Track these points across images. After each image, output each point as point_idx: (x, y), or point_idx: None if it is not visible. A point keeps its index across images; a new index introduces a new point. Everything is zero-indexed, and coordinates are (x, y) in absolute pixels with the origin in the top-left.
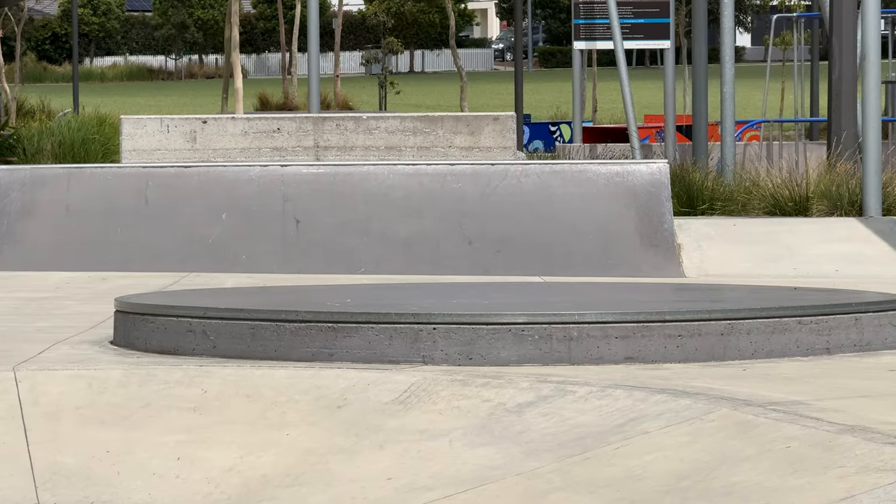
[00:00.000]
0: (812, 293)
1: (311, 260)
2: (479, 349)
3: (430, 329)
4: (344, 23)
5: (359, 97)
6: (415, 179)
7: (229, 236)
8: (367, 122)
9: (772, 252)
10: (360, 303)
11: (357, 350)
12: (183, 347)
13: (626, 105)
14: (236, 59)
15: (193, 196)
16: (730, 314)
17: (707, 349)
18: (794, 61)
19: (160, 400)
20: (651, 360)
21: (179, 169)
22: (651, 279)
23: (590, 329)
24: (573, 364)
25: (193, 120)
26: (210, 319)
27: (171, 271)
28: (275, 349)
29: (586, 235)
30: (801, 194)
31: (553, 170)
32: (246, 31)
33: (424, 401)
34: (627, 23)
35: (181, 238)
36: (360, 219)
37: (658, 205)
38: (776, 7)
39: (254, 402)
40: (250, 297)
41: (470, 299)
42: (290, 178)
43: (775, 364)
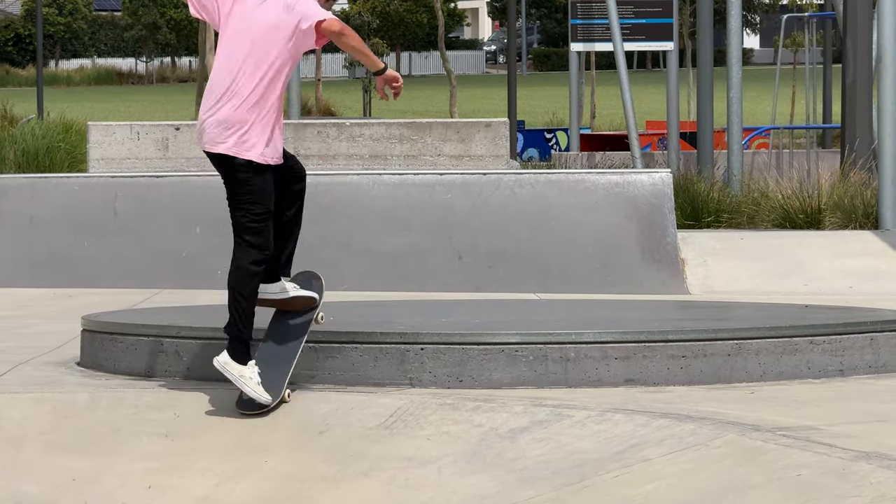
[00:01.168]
0: (824, 311)
1: None
2: (469, 371)
3: (418, 349)
4: None
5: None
6: (401, 190)
7: (204, 250)
8: (350, 129)
9: (781, 267)
10: (342, 321)
11: (340, 372)
12: (155, 369)
13: (627, 111)
14: (211, 61)
15: (166, 208)
16: (737, 334)
17: (713, 371)
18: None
19: (130, 425)
20: (653, 383)
21: (151, 179)
22: (653, 296)
23: (588, 349)
24: (570, 387)
25: (166, 126)
26: (184, 339)
27: (142, 288)
28: None
29: (584, 249)
30: (812, 206)
31: (549, 180)
32: None
33: (411, 426)
34: (628, 23)
35: (153, 252)
36: (342, 232)
37: (660, 217)
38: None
39: (230, 426)
40: (226, 316)
41: (460, 318)
42: None
43: (785, 386)
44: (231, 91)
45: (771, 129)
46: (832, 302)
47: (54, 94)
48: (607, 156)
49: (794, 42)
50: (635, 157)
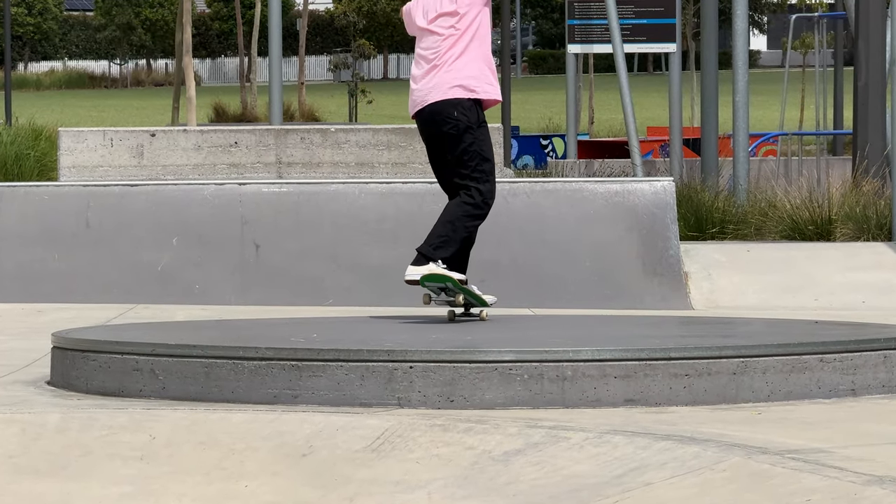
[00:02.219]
0: (835, 328)
1: (272, 290)
2: (461, 390)
3: (407, 368)
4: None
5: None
6: (389, 200)
7: (180, 263)
8: (335, 136)
9: (790, 281)
10: (327, 338)
11: (324, 391)
12: (128, 388)
13: (627, 116)
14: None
15: (140, 218)
16: (743, 351)
17: (717, 390)
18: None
19: (103, 447)
20: (654, 403)
21: (125, 188)
22: (654, 312)
23: (586, 368)
24: (567, 407)
25: (140, 133)
26: (159, 357)
27: (116, 303)
28: (232, 390)
29: (581, 262)
30: (822, 216)
31: (544, 189)
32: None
33: (400, 448)
34: (628, 24)
35: (127, 266)
36: (327, 244)
37: (662, 228)
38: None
39: (208, 449)
40: (204, 332)
41: (451, 334)
42: (249, 199)
43: (794, 407)
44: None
45: (779, 135)
46: (844, 317)
47: (23, 99)
48: (606, 163)
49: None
50: (636, 164)
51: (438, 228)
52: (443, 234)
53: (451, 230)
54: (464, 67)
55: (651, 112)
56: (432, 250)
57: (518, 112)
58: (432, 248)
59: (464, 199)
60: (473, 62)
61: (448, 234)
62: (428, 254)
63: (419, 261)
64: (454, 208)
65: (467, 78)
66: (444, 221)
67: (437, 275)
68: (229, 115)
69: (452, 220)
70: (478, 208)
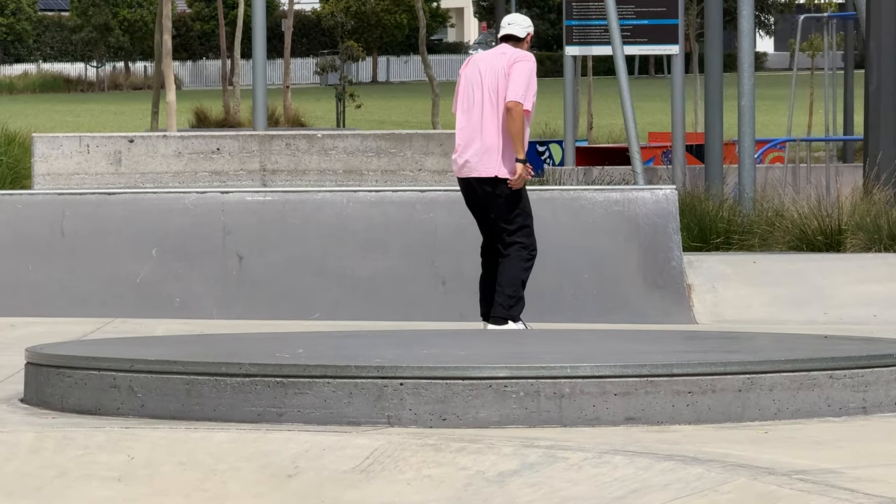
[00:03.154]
0: (846, 342)
1: (256, 303)
2: (454, 408)
3: (397, 385)
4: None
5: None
6: (378, 209)
7: (160, 275)
8: (322, 142)
9: (798, 294)
10: (314, 354)
11: (311, 409)
12: (106, 406)
13: (627, 121)
14: (168, 67)
15: (118, 228)
16: (749, 367)
17: (722, 408)
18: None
19: (79, 468)
20: (656, 421)
21: (102, 196)
22: (656, 326)
23: (584, 385)
24: (565, 426)
25: (118, 139)
26: (138, 373)
27: (92, 316)
28: (214, 408)
29: (580, 274)
30: (832, 226)
31: (541, 197)
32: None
33: (390, 469)
34: (629, 24)
35: (104, 277)
36: (314, 255)
37: (665, 238)
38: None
39: (189, 470)
40: (185, 348)
41: (443, 349)
42: (232, 208)
43: (802, 425)
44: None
45: (786, 141)
46: (854, 332)
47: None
48: (606, 171)
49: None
50: (637, 172)
51: (507, 287)
52: (512, 292)
53: (518, 289)
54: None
55: (652, 117)
56: (508, 310)
57: None
58: (507, 310)
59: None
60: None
61: (516, 293)
62: (507, 316)
63: (498, 321)
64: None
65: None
66: (508, 284)
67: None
68: (211, 121)
69: (515, 281)
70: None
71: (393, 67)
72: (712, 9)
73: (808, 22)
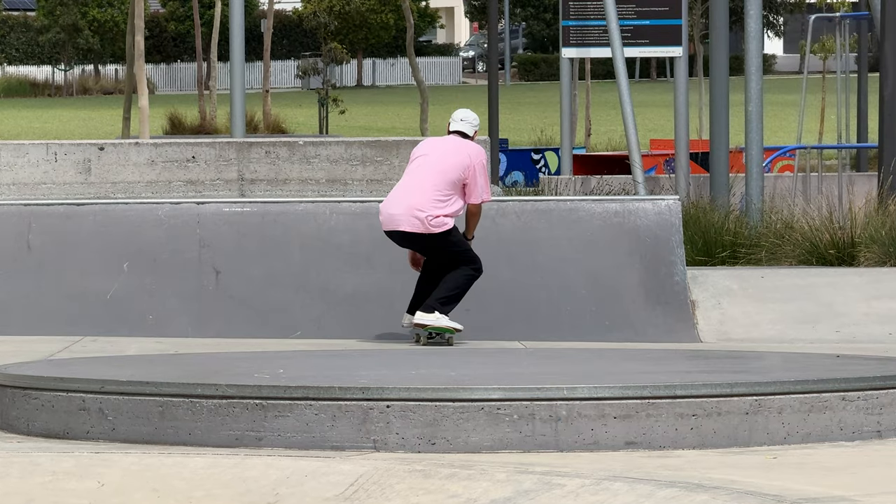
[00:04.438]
0: (859, 363)
1: (234, 321)
2: (443, 432)
3: (383, 407)
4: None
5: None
6: (364, 220)
7: (132, 291)
8: (304, 149)
9: (809, 311)
10: (295, 374)
11: (292, 433)
12: (75, 429)
13: (628, 128)
14: (141, 70)
15: (88, 241)
16: (756, 389)
17: (728, 432)
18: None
19: (46, 495)
20: (658, 446)
21: (70, 207)
22: (658, 344)
23: (582, 407)
24: (561, 450)
25: (88, 146)
26: (109, 395)
27: (60, 335)
28: (189, 432)
29: (578, 290)
30: (845, 239)
31: (536, 208)
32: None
33: (376, 496)
34: (629, 25)
35: (72, 293)
36: (295, 270)
37: (667, 252)
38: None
39: (163, 497)
40: (159, 368)
41: (432, 370)
42: (209, 219)
43: (813, 450)
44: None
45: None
46: (868, 351)
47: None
48: (605, 180)
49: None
50: (638, 181)
51: (448, 286)
52: (451, 292)
53: (458, 292)
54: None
55: (654, 123)
56: (441, 305)
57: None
58: (440, 304)
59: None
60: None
61: (455, 294)
62: (437, 307)
63: (428, 309)
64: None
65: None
66: (450, 285)
67: (444, 327)
68: (186, 127)
69: (458, 285)
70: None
71: (379, 70)
72: (718, 9)
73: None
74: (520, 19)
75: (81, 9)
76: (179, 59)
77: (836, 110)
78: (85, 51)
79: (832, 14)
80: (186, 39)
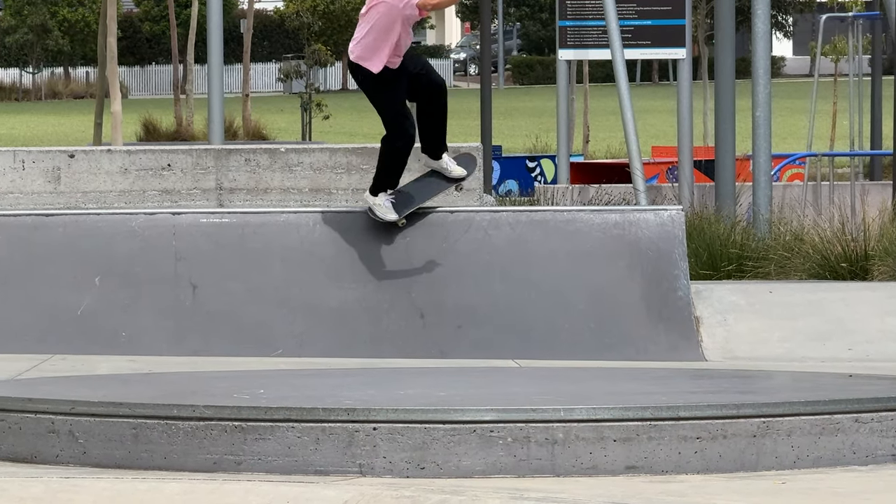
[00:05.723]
0: (873, 382)
1: (211, 338)
2: (433, 455)
3: (370, 429)
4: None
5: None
6: (350, 232)
7: (104, 307)
8: (286, 157)
9: (820, 327)
10: (276, 395)
11: (273, 457)
12: (43, 453)
13: (628, 134)
14: (113, 73)
15: (57, 253)
16: (764, 410)
17: (734, 456)
18: (849, 75)
19: None
20: (660, 471)
21: (38, 218)
22: (661, 363)
23: (580, 429)
24: (558, 475)
25: (57, 153)
26: (79, 417)
27: (28, 352)
28: (164, 455)
29: (575, 306)
30: (857, 252)
31: (532, 219)
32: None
33: None
34: (629, 25)
35: (41, 309)
36: (276, 284)
37: (670, 265)
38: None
39: None
40: (132, 388)
41: (422, 390)
42: (185, 230)
43: (824, 475)
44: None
45: (807, 156)
46: (883, 370)
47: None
48: (604, 189)
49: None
50: (639, 190)
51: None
52: (376, 170)
53: (378, 170)
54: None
55: (656, 129)
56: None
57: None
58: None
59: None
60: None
61: (377, 172)
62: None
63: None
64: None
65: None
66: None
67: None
68: (161, 133)
69: (379, 162)
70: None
71: None
72: (723, 8)
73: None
74: (514, 19)
75: (51, 8)
76: (154, 62)
77: (849, 115)
78: (54, 53)
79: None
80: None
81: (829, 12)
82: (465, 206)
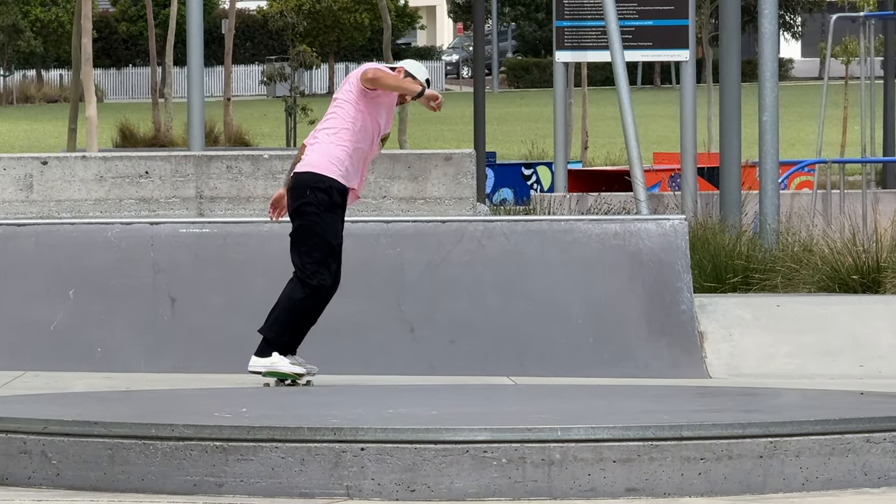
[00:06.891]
0: (886, 400)
1: (191, 354)
2: (424, 477)
3: (358, 450)
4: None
5: (258, 128)
6: None
7: (79, 321)
8: (269, 164)
9: (830, 343)
10: (259, 413)
11: (256, 478)
12: (15, 475)
13: (629, 140)
14: (88, 75)
15: (29, 265)
16: (772, 429)
17: (740, 477)
18: (860, 78)
19: None
20: (663, 493)
21: (10, 228)
22: (663, 380)
23: (578, 450)
24: (555, 498)
25: (29, 160)
26: (52, 436)
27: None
28: (142, 477)
29: (573, 320)
30: (869, 263)
31: (527, 229)
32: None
33: None
34: (630, 25)
35: (12, 323)
36: (259, 297)
37: (672, 277)
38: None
39: None
40: (108, 406)
41: (412, 408)
42: (164, 241)
43: (835, 498)
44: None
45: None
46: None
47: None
48: (603, 198)
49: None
50: (640, 199)
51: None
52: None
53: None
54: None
55: (658, 135)
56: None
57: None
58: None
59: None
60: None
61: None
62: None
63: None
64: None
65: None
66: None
67: (281, 372)
68: (139, 139)
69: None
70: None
71: None
72: (729, 8)
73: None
74: (509, 19)
75: (22, 8)
76: (131, 64)
77: (860, 120)
78: (26, 54)
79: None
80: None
81: (839, 12)
82: (457, 215)
